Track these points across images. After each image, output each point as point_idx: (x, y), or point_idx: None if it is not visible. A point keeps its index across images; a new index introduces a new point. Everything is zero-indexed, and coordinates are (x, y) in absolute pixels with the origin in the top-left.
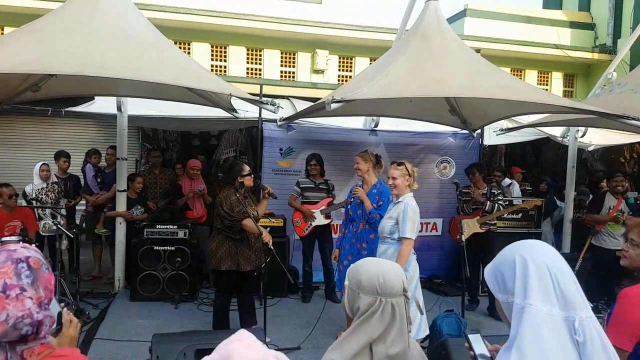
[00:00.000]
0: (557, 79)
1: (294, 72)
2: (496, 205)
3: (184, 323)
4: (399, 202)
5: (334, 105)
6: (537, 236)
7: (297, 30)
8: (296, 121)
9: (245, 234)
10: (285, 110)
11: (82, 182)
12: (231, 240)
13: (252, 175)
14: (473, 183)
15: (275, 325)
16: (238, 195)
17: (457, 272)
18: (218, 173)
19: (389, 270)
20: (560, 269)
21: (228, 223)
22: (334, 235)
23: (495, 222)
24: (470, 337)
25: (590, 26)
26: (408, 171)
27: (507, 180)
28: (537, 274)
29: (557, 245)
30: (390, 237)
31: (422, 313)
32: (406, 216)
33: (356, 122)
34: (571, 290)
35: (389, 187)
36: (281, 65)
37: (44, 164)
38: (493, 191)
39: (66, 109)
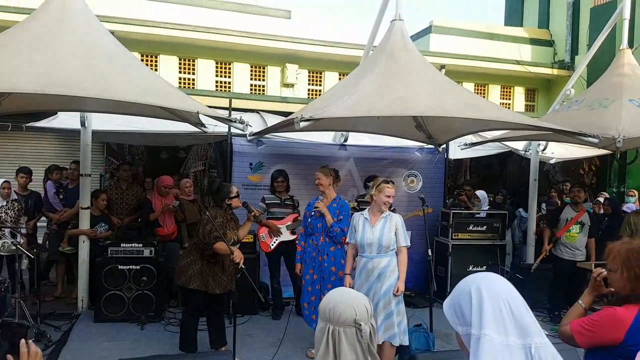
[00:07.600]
0: (519, 94)
1: (263, 86)
2: None
3: (150, 344)
4: (387, 215)
5: (303, 124)
6: (502, 247)
7: (266, 45)
8: (266, 136)
9: (219, 257)
10: (255, 124)
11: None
12: (204, 260)
13: (239, 196)
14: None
15: (245, 344)
16: (224, 218)
17: (426, 285)
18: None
19: (344, 300)
20: (514, 297)
21: (202, 244)
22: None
23: None
24: None
25: (550, 43)
26: None
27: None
28: (491, 304)
29: (520, 255)
30: (392, 249)
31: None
32: (403, 227)
33: (326, 137)
34: (526, 317)
35: (386, 204)
36: (251, 79)
37: (5, 181)
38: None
39: (27, 124)
